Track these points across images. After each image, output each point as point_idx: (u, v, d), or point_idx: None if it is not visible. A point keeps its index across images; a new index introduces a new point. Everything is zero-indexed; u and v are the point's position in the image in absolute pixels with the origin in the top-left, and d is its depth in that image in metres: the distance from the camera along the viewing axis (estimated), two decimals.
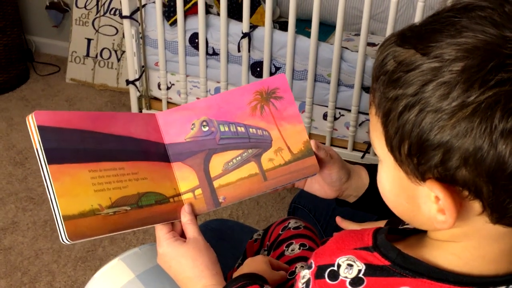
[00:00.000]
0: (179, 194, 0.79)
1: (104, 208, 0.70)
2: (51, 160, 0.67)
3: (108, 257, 1.67)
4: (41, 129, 0.67)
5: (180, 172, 0.80)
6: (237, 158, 0.81)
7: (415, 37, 0.47)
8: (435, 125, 0.44)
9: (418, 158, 0.47)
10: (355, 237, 0.56)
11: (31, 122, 0.68)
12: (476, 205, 0.47)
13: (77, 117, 0.73)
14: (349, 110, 1.74)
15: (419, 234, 0.57)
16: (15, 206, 1.86)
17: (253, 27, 1.75)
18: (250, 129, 0.82)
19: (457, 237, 0.51)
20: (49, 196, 0.67)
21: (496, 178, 0.44)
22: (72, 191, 0.68)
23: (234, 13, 1.98)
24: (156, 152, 0.79)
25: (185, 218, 0.78)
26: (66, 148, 0.69)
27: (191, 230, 0.77)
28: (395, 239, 0.57)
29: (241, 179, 0.81)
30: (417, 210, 0.50)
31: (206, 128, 0.81)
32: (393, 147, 0.49)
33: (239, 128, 0.82)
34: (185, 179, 0.80)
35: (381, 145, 0.51)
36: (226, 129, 0.82)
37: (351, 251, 0.54)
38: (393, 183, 0.53)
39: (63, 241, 0.66)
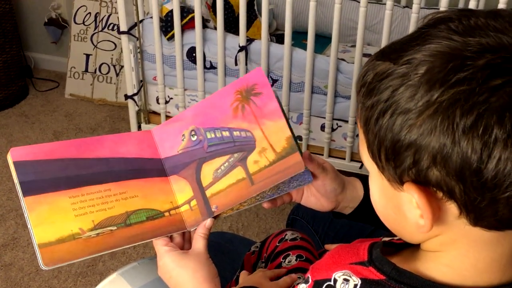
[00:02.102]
0: (177, 207, 0.80)
1: (86, 231, 0.73)
2: (26, 192, 0.72)
3: (108, 272, 1.67)
4: (17, 164, 0.73)
5: (177, 185, 0.81)
6: (225, 165, 0.81)
7: (391, 51, 0.50)
8: (404, 125, 0.46)
9: (394, 161, 0.48)
10: (351, 251, 0.57)
11: (9, 159, 0.73)
12: (453, 207, 0.48)
13: (60, 147, 0.77)
14: (347, 121, 1.75)
15: (413, 247, 0.57)
16: (15, 222, 1.86)
17: (249, 40, 1.77)
18: (234, 132, 0.81)
19: (445, 245, 0.52)
20: (28, 226, 0.72)
21: (464, 176, 0.45)
22: (49, 219, 0.72)
23: (231, 26, 2.00)
24: (152, 168, 0.80)
25: (201, 230, 0.79)
26: (44, 179, 0.74)
27: (200, 243, 0.78)
28: (391, 252, 0.58)
29: (230, 185, 0.81)
30: (404, 220, 0.51)
31: (195, 138, 0.82)
32: (374, 154, 0.50)
33: (224, 133, 0.81)
34: (181, 191, 0.81)
35: (366, 155, 0.53)
36: (213, 135, 0.82)
37: (347, 265, 0.55)
38: (380, 193, 0.54)
39: (41, 267, 0.71)
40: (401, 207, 0.51)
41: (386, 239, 0.61)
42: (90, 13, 2.57)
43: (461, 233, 0.50)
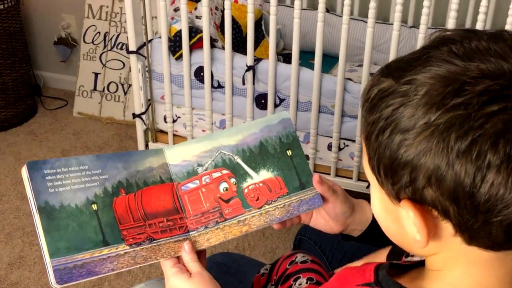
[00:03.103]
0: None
1: None
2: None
3: None
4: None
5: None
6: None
7: (396, 68, 0.51)
8: (401, 144, 0.47)
9: (392, 178, 0.49)
10: (357, 273, 0.57)
11: (24, 173, 0.72)
12: (449, 226, 0.49)
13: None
14: (354, 141, 1.75)
15: (419, 267, 0.57)
16: (21, 240, 1.86)
17: (257, 60, 1.78)
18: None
19: (448, 264, 0.52)
20: (39, 241, 0.70)
21: (457, 198, 0.46)
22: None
23: (239, 46, 2.01)
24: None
25: (186, 257, 0.78)
26: None
27: (194, 267, 0.77)
28: (397, 273, 0.58)
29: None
30: (404, 233, 0.52)
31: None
32: (374, 169, 0.52)
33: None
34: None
35: (367, 167, 0.54)
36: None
37: (354, 287, 0.55)
38: (381, 206, 0.55)
39: (51, 285, 0.69)
40: (400, 221, 0.52)
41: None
42: (99, 32, 2.60)
43: (460, 252, 0.50)
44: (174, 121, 1.96)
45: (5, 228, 1.92)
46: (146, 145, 2.00)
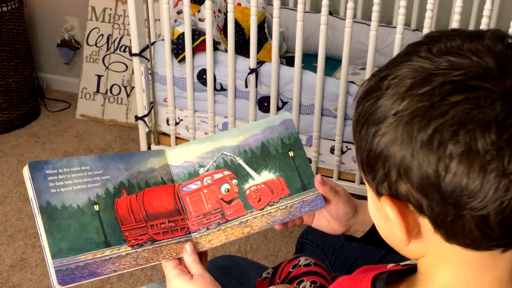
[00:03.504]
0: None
1: None
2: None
3: None
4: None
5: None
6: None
7: (383, 67, 0.52)
8: (375, 135, 0.48)
9: (371, 173, 0.50)
10: (353, 283, 0.56)
11: (26, 173, 0.71)
12: (426, 222, 0.49)
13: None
14: None
15: (414, 273, 0.57)
16: (24, 242, 1.86)
17: (260, 63, 1.78)
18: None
19: (436, 266, 0.52)
20: (41, 242, 0.70)
21: (425, 189, 0.46)
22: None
23: (242, 49, 2.01)
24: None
25: (188, 258, 0.77)
26: None
27: (195, 268, 0.76)
28: (397, 280, 0.57)
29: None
30: (393, 230, 0.51)
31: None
32: (359, 166, 0.52)
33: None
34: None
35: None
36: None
37: None
38: (372, 205, 0.55)
39: (53, 286, 0.69)
40: (389, 220, 0.51)
41: (390, 265, 0.60)
42: (102, 34, 2.60)
43: (446, 252, 0.50)
44: (176, 123, 1.96)
45: (7, 230, 1.91)
46: (149, 148, 2.00)
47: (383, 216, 0.53)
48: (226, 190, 0.82)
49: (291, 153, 0.86)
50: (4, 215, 1.99)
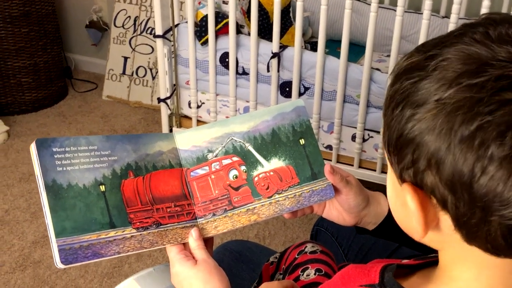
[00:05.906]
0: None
1: None
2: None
3: (133, 274, 1.68)
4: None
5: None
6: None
7: (429, 43, 0.48)
8: (410, 119, 0.45)
9: (397, 156, 0.47)
10: (361, 272, 0.55)
11: (33, 150, 0.71)
12: (448, 219, 0.46)
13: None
14: (378, 132, 1.72)
15: (429, 267, 0.55)
16: None
17: (283, 47, 1.75)
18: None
19: (457, 263, 0.49)
20: (46, 220, 0.70)
21: (455, 186, 0.43)
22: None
23: (266, 33, 1.99)
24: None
25: (193, 244, 0.77)
26: None
27: (200, 254, 0.76)
28: (407, 274, 0.55)
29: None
30: (410, 218, 0.49)
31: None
32: (385, 145, 0.49)
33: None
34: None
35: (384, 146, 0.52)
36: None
37: (356, 287, 0.53)
38: (392, 187, 0.52)
39: (56, 265, 0.69)
40: (407, 205, 0.48)
41: (405, 261, 0.58)
42: (129, 16, 2.62)
43: (467, 251, 0.47)
44: (198, 106, 1.95)
45: (31, 207, 1.95)
46: (170, 130, 2.01)
47: (400, 201, 0.50)
48: (234, 176, 0.81)
49: (302, 141, 0.84)
50: (28, 192, 2.03)
